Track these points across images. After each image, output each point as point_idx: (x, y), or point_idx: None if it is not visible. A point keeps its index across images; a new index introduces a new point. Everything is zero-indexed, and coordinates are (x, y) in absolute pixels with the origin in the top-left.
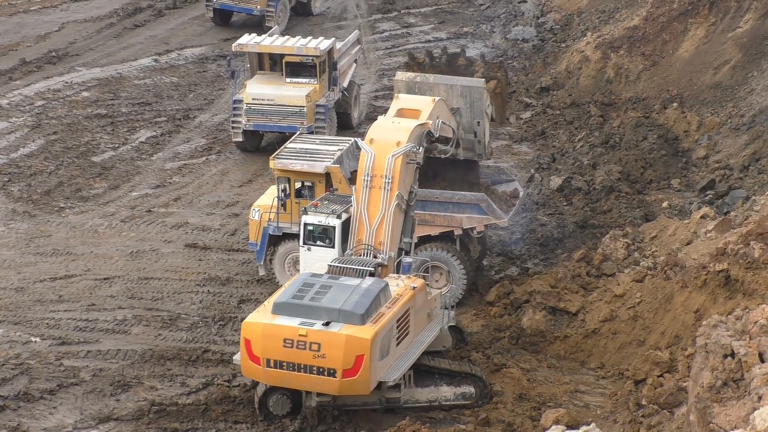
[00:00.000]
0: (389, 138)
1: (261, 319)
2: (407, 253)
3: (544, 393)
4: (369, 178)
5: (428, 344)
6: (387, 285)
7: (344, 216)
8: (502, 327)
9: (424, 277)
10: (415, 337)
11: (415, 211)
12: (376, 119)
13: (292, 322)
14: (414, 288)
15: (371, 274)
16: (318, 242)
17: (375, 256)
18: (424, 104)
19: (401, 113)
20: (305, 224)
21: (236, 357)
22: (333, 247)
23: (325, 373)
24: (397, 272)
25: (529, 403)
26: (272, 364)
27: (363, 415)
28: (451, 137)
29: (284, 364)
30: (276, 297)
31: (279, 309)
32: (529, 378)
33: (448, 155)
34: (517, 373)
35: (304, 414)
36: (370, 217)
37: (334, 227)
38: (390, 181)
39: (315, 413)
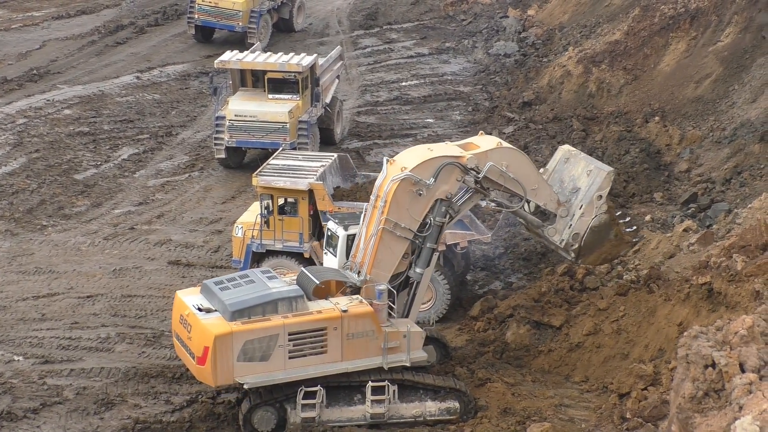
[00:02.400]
0: (403, 161)
1: (183, 293)
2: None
3: (528, 407)
4: (374, 198)
5: (362, 368)
6: (302, 296)
7: (352, 229)
8: (486, 341)
9: (387, 307)
10: (342, 359)
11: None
12: (359, 135)
13: (189, 301)
14: (344, 312)
15: (355, 291)
16: (330, 249)
17: (359, 274)
18: (487, 143)
19: (464, 146)
20: (328, 229)
21: None
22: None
23: (191, 354)
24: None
25: (513, 417)
26: (173, 335)
27: (348, 431)
28: (516, 193)
29: (178, 337)
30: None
31: (202, 289)
32: (514, 392)
33: (512, 212)
34: (501, 388)
35: (289, 430)
36: (366, 235)
37: (338, 237)
38: (384, 204)
39: (300, 429)
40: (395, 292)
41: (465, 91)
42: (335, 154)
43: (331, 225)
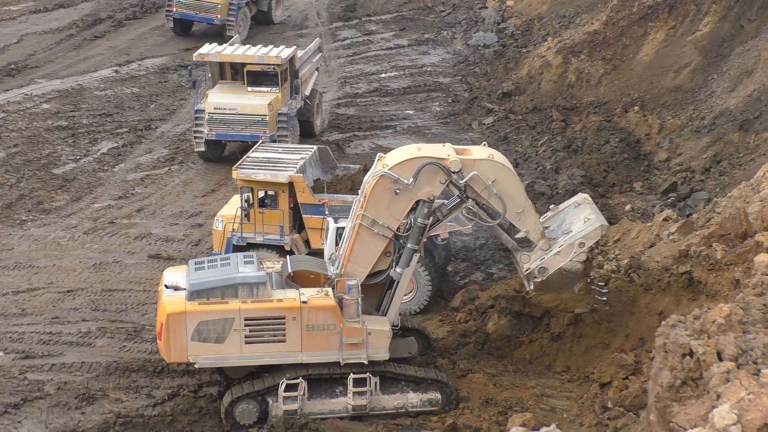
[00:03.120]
0: (390, 158)
1: (169, 270)
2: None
3: (510, 397)
4: (360, 192)
5: (321, 361)
6: (264, 283)
7: (342, 221)
8: (468, 332)
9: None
10: (301, 350)
11: None
12: (339, 127)
13: (167, 278)
14: (304, 303)
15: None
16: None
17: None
18: (480, 152)
19: (461, 151)
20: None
21: None
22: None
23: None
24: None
25: (495, 408)
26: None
27: (330, 423)
28: (496, 211)
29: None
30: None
31: (189, 266)
32: (495, 383)
33: (488, 228)
34: (483, 378)
35: (271, 423)
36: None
37: (328, 227)
38: (363, 199)
39: (282, 422)
40: (384, 289)
41: (444, 83)
42: (315, 147)
43: (329, 217)
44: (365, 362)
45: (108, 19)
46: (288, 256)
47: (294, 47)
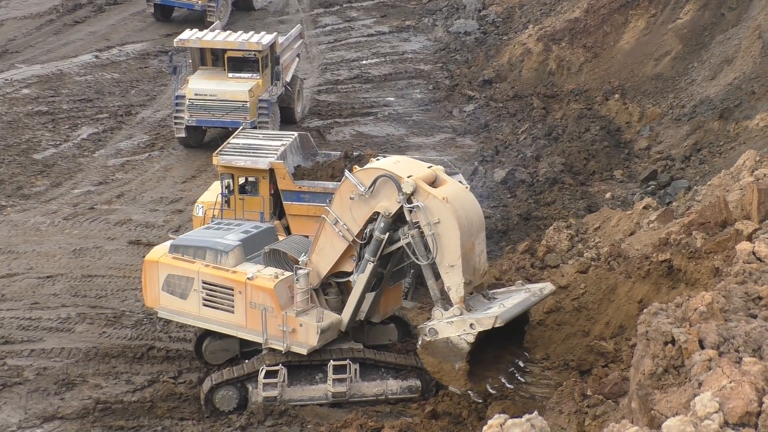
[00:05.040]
0: (366, 165)
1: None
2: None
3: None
4: None
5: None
6: (228, 252)
7: None
8: None
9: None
10: (246, 325)
11: None
12: (319, 114)
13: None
14: (249, 278)
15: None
16: None
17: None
18: (445, 191)
19: (435, 177)
20: None
21: None
22: None
23: None
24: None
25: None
26: None
27: (310, 410)
28: (422, 251)
29: None
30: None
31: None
32: None
33: (417, 265)
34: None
35: (251, 410)
36: None
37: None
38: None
39: (262, 409)
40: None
41: (425, 70)
42: (296, 133)
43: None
44: (282, 351)
45: (88, 5)
46: (288, 236)
47: (275, 33)
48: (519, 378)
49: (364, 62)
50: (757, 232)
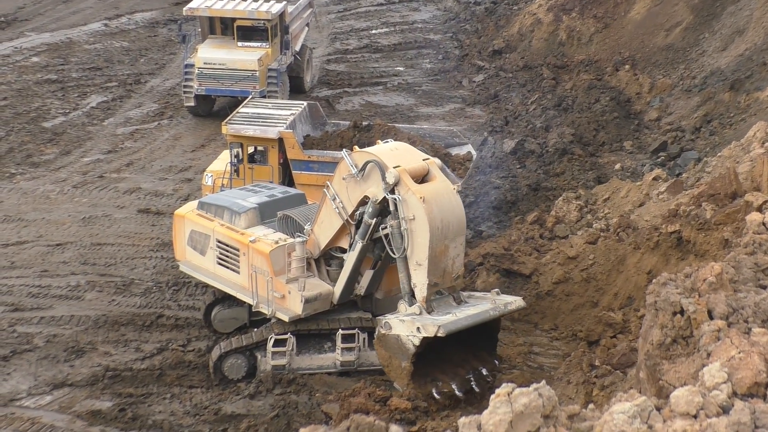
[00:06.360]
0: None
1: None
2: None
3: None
4: None
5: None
6: (242, 213)
7: None
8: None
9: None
10: (249, 288)
11: None
12: (329, 83)
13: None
14: (251, 241)
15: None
16: None
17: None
18: (432, 188)
19: (426, 171)
20: None
21: None
22: None
23: None
24: None
25: None
26: None
27: (318, 378)
28: (396, 245)
29: None
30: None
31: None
32: None
33: (393, 258)
34: None
35: (259, 378)
36: None
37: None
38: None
39: (270, 377)
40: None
41: (435, 39)
42: (305, 103)
43: None
44: (267, 315)
45: None
46: (306, 204)
47: (284, 2)
48: (474, 387)
49: (373, 32)
50: (767, 203)
